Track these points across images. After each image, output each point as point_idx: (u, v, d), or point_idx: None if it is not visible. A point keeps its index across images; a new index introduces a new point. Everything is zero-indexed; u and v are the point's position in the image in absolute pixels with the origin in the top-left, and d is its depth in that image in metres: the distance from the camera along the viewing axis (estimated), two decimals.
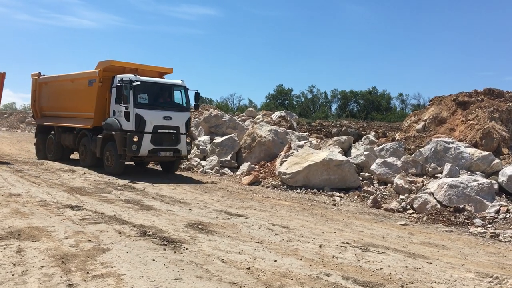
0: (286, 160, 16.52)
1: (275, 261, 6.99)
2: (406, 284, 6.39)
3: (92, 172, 16.87)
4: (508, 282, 6.99)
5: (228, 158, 19.00)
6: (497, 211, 12.06)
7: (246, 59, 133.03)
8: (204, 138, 21.50)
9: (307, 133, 23.75)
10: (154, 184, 14.56)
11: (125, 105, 16.07)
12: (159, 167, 19.64)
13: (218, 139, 20.09)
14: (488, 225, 11.43)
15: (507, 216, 11.72)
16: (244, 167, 17.97)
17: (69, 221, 9.00)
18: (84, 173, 16.53)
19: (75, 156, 20.46)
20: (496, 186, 13.10)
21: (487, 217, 11.83)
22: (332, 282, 6.17)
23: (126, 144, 15.87)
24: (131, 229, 8.50)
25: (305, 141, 19.26)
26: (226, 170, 18.45)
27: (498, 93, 19.43)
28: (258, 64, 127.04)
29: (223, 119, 22.76)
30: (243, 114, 31.34)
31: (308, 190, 15.13)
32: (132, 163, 18.64)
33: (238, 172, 18.06)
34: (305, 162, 15.68)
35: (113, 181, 15.01)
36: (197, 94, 17.71)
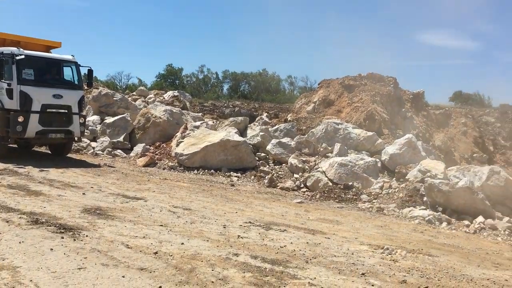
0: (182, 141, 16.24)
1: (182, 243, 6.84)
2: (310, 259, 6.64)
3: None
4: (397, 252, 7.64)
5: (121, 139, 18.14)
6: (381, 187, 13.11)
7: (134, 36, 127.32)
8: (93, 118, 20.25)
9: (201, 114, 23.56)
10: (43, 169, 13.34)
11: (7, 82, 14.41)
12: (47, 150, 18.09)
13: (109, 119, 19.06)
14: (374, 200, 12.38)
15: (389, 192, 12.79)
16: (139, 148, 17.31)
17: None
18: None
19: None
20: (379, 164, 14.22)
21: (373, 193, 12.80)
22: (242, 261, 6.20)
23: (10, 125, 14.30)
24: (20, 217, 7.71)
25: (201, 122, 19.10)
26: (119, 152, 17.61)
27: (379, 78, 20.96)
28: (147, 41, 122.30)
29: (114, 98, 21.62)
30: (134, 93, 30.10)
31: (206, 171, 15.06)
32: (16, 145, 16.91)
33: (132, 154, 17.35)
34: (202, 143, 15.55)
35: None
36: (90, 71, 16.38)
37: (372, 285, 5.71)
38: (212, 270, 5.76)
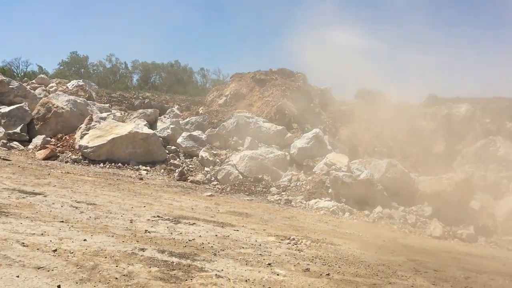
0: (87, 133, 15.45)
1: (85, 240, 6.50)
2: (218, 251, 6.66)
3: None
4: (302, 242, 7.91)
5: (18, 130, 16.81)
6: (290, 180, 13.49)
7: (35, 19, 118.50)
8: None
9: (108, 105, 22.59)
10: None
11: None
12: None
13: (4, 109, 17.58)
14: (283, 193, 12.72)
15: (297, 184, 13.20)
16: (38, 140, 16.18)
17: None
18: None
19: None
20: (288, 158, 14.62)
21: (282, 186, 13.14)
22: (148, 256, 6.04)
23: None
24: None
25: (108, 113, 18.30)
26: (15, 144, 16.32)
27: (290, 73, 21.53)
28: (48, 27, 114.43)
29: (10, 86, 19.96)
30: (33, 81, 28.07)
31: (113, 164, 14.48)
32: None
33: (30, 146, 16.16)
34: (109, 135, 14.92)
35: None
36: None
37: (277, 275, 5.85)
38: (117, 266, 5.55)
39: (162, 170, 14.40)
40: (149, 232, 7.38)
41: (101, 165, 14.44)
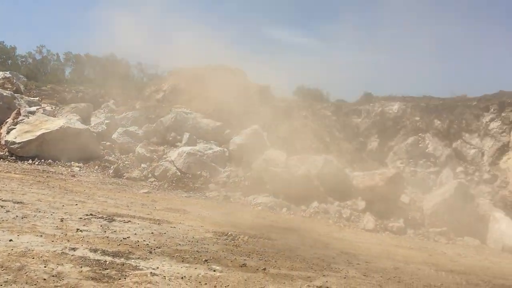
0: (14, 128, 14.60)
1: (11, 240, 6.14)
2: (154, 249, 6.53)
3: None
4: (240, 237, 7.94)
5: None
6: (228, 176, 13.48)
7: None
8: None
9: (37, 98, 21.45)
10: None
11: None
12: None
13: None
14: (221, 189, 12.69)
15: (236, 180, 13.22)
16: None
17: None
18: None
19: None
20: (227, 154, 14.59)
21: (220, 182, 13.11)
22: (80, 256, 5.81)
23: None
24: None
25: (38, 107, 17.40)
26: None
27: (229, 70, 21.42)
28: None
29: None
30: None
31: (43, 161, 13.79)
32: None
33: None
34: (38, 130, 14.19)
35: None
36: None
37: (214, 271, 5.81)
38: (45, 267, 5.29)
39: (96, 167, 13.90)
40: (81, 231, 7.10)
41: (30, 161, 13.72)
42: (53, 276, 5.04)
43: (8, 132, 14.60)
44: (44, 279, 4.92)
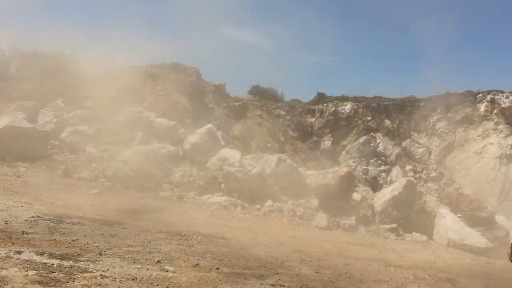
0: None
1: None
2: (104, 251, 6.37)
3: None
4: (193, 237, 7.88)
5: None
6: (182, 176, 13.33)
7: None
8: None
9: None
10: None
11: None
12: None
13: None
14: (175, 189, 12.53)
15: (190, 180, 13.10)
16: None
17: None
18: None
19: None
20: (181, 153, 14.44)
21: (174, 182, 12.94)
22: (25, 259, 5.58)
23: None
24: None
25: None
26: None
27: (183, 68, 21.19)
28: None
29: None
30: None
31: None
32: None
33: None
34: None
35: None
36: None
37: (166, 271, 5.74)
38: None
39: (44, 167, 13.38)
40: (26, 233, 6.84)
41: None
42: None
43: None
44: None
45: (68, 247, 6.36)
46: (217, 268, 6.11)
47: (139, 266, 5.85)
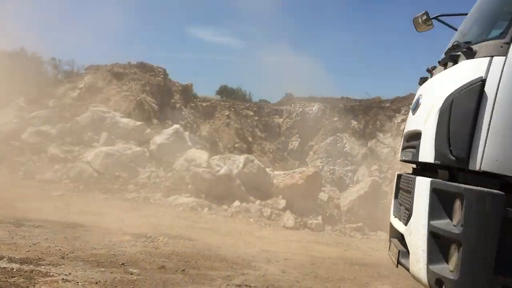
0: None
1: None
2: (67, 254, 6.22)
3: None
4: (159, 239, 7.78)
5: None
6: (149, 177, 13.16)
7: None
8: None
9: None
10: None
11: None
12: None
13: None
14: (141, 190, 12.36)
15: (156, 181, 12.94)
16: None
17: None
18: None
19: None
20: (147, 154, 14.25)
21: (140, 183, 12.77)
22: None
23: None
24: None
25: None
26: None
27: (150, 68, 20.95)
28: None
29: None
30: None
31: None
32: None
33: None
34: None
35: None
36: None
37: (131, 274, 5.65)
38: None
39: (5, 169, 12.99)
40: None
41: None
42: None
43: None
44: None
45: (28, 250, 6.18)
46: (183, 270, 6.05)
47: (102, 269, 5.74)
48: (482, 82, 2.91)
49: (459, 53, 3.40)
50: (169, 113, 19.26)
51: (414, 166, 4.40)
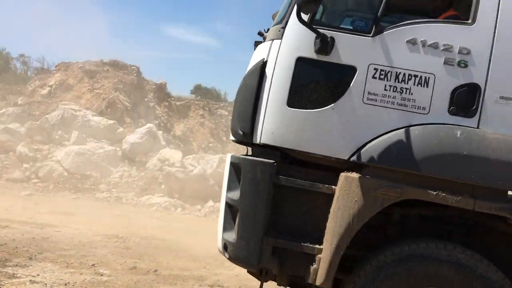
0: None
1: None
2: (35, 255, 6.08)
3: None
4: (131, 239, 7.69)
5: None
6: (121, 176, 13.00)
7: None
8: None
9: None
10: None
11: None
12: None
13: None
14: (113, 190, 12.19)
15: (129, 180, 12.79)
16: None
17: None
18: None
19: None
20: (120, 153, 14.06)
21: (112, 182, 12.59)
22: None
23: None
24: None
25: None
26: None
27: (123, 66, 20.65)
28: None
29: None
30: None
31: None
32: None
33: None
34: None
35: None
36: None
37: (101, 275, 5.56)
38: None
39: None
40: None
41: None
42: None
43: None
44: None
45: None
46: (155, 271, 5.99)
47: (72, 270, 5.63)
48: (263, 63, 3.15)
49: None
50: (142, 112, 19.05)
51: None
